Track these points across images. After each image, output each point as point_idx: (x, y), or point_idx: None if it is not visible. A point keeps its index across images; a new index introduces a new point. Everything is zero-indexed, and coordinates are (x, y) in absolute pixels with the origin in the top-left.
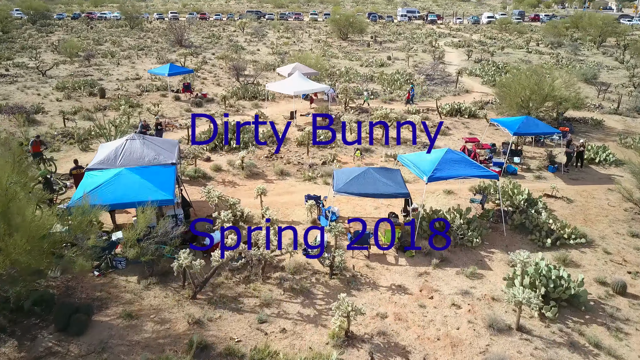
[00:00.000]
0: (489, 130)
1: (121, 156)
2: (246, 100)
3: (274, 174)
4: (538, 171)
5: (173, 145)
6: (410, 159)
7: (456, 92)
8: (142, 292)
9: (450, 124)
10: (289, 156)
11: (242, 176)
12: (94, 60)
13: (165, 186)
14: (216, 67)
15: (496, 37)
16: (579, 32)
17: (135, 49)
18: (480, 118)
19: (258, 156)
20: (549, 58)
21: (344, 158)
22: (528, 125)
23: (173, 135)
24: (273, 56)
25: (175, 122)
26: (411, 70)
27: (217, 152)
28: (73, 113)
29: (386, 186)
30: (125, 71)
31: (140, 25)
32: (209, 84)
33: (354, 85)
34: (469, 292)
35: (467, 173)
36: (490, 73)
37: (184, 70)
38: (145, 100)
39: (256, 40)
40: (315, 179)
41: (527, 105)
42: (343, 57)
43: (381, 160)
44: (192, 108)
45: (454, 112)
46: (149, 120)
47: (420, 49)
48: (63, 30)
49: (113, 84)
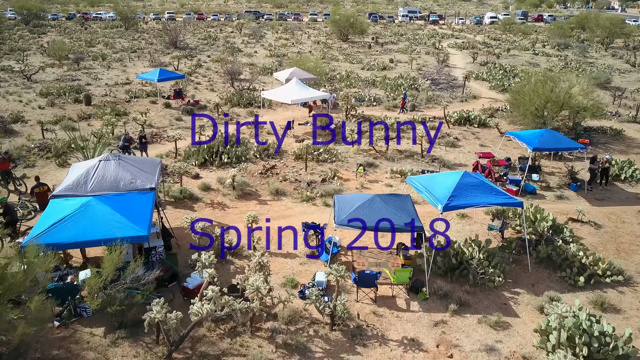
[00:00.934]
0: (501, 140)
1: (93, 180)
2: (241, 107)
3: (268, 193)
4: (559, 189)
5: (154, 165)
6: (421, 182)
7: (463, 98)
8: (108, 349)
9: (459, 134)
10: (286, 172)
11: (233, 196)
12: (84, 63)
13: (139, 219)
14: (211, 71)
15: (500, 38)
16: (584, 33)
17: (128, 51)
18: (490, 127)
19: (251, 172)
20: (557, 60)
21: (346, 174)
22: (548, 139)
23: (160, 148)
24: (271, 59)
25: (164, 132)
26: (415, 73)
27: (207, 167)
28: (54, 122)
29: (396, 217)
30: (115, 75)
31: (136, 26)
32: (202, 89)
33: (355, 90)
34: (495, 349)
35: (488, 201)
36: (498, 77)
37: (175, 75)
38: (133, 107)
39: (254, 41)
40: (314, 199)
41: (541, 114)
42: (343, 60)
43: (386, 177)
44: (183, 116)
45: (463, 121)
46: (133, 133)
47: (424, 51)
48: (56, 32)
49: (101, 90)
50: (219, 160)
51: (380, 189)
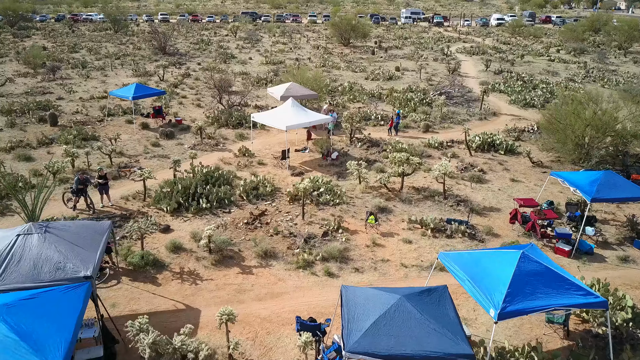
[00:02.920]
0: (534, 172)
1: (4, 266)
2: (229, 127)
3: (254, 255)
4: (619, 246)
5: (98, 232)
6: (461, 264)
7: (482, 116)
8: None
9: (484, 164)
10: (278, 220)
11: (209, 261)
12: (61, 72)
13: (53, 339)
14: (200, 82)
15: (510, 41)
16: (597, 35)
17: (112, 58)
18: (519, 154)
19: (236, 222)
20: (576, 68)
21: (352, 223)
22: (610, 184)
23: (128, 186)
24: (266, 66)
25: (135, 164)
26: (424, 84)
27: (181, 214)
28: (7, 149)
29: (434, 340)
30: (93, 87)
31: (126, 28)
32: (188, 104)
33: (360, 106)
34: None
35: (561, 302)
36: (517, 89)
37: (155, 91)
38: (105, 128)
39: (249, 46)
40: (313, 264)
41: (582, 142)
42: (345, 68)
43: (403, 228)
44: (161, 140)
45: (486, 146)
46: (91, 171)
47: (431, 56)
48: (40, 35)
49: (74, 105)
50: (196, 205)
51: (397, 246)
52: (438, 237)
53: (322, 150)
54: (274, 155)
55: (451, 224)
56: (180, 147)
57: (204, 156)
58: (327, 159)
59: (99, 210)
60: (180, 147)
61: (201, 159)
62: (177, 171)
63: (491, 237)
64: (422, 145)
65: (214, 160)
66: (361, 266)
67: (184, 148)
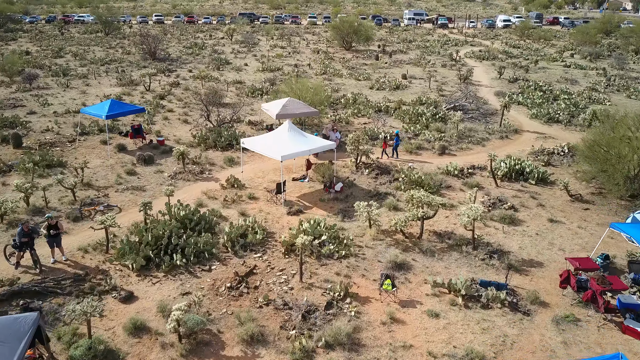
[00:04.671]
0: (574, 209)
1: None
2: (218, 149)
3: (237, 340)
4: None
5: (17, 335)
6: None
7: (503, 134)
8: None
9: (514, 198)
10: (269, 282)
11: (178, 351)
12: (40, 80)
13: None
14: (190, 92)
15: (520, 44)
16: (608, 38)
17: (97, 64)
18: (553, 184)
19: (217, 285)
20: (595, 75)
21: (363, 286)
22: None
23: (88, 233)
24: (263, 74)
25: (103, 200)
26: (435, 94)
27: (150, 273)
28: None
29: None
30: (71, 98)
31: (118, 30)
32: (174, 119)
33: (366, 122)
34: None
35: None
36: (537, 100)
37: (132, 108)
38: (76, 151)
39: (245, 50)
40: (313, 354)
41: (633, 173)
42: (348, 75)
43: (427, 294)
44: (138, 167)
45: (513, 174)
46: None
47: (439, 62)
48: (27, 37)
49: (45, 120)
50: (169, 261)
51: (421, 322)
52: (471, 307)
53: (324, 180)
54: (267, 189)
55: (487, 289)
56: (159, 176)
57: (186, 187)
58: (330, 191)
59: (49, 267)
60: (159, 175)
61: (182, 191)
62: (148, 215)
63: (538, 306)
64: (439, 171)
65: (197, 194)
66: (377, 357)
67: (164, 177)
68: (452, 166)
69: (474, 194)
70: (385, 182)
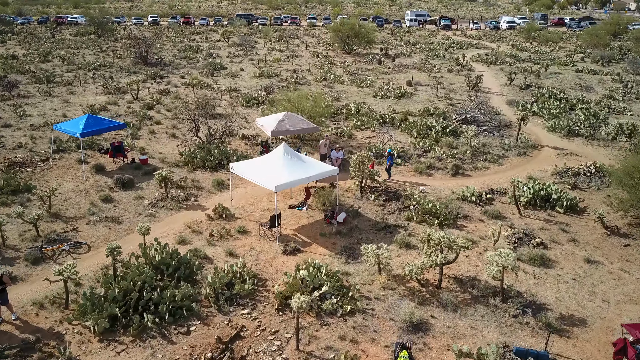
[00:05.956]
0: (612, 245)
1: None
2: (207, 170)
3: None
4: None
5: None
6: None
7: (521, 150)
8: None
9: (540, 231)
10: (258, 349)
11: None
12: (21, 88)
13: None
14: (180, 102)
15: (527, 47)
16: (617, 40)
17: (85, 69)
18: (584, 214)
19: (195, 355)
20: (610, 80)
21: (374, 357)
22: None
23: (44, 285)
24: (259, 80)
25: (69, 236)
26: (443, 103)
27: (115, 337)
28: None
29: None
30: (52, 108)
31: (111, 32)
32: (161, 132)
33: (370, 135)
34: None
35: None
36: (554, 111)
37: (111, 124)
38: (50, 171)
39: (242, 53)
40: None
41: None
42: (349, 82)
43: None
44: (115, 192)
45: (538, 200)
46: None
47: (444, 66)
48: (16, 40)
49: (20, 135)
50: (138, 322)
51: None
52: None
53: (325, 208)
54: (260, 222)
55: (527, 357)
56: (138, 204)
57: (168, 218)
58: (332, 222)
59: None
60: (138, 203)
61: (163, 223)
62: (116, 260)
63: None
64: (454, 196)
65: (179, 227)
66: None
67: (144, 205)
68: (469, 191)
69: (498, 229)
70: (395, 211)
